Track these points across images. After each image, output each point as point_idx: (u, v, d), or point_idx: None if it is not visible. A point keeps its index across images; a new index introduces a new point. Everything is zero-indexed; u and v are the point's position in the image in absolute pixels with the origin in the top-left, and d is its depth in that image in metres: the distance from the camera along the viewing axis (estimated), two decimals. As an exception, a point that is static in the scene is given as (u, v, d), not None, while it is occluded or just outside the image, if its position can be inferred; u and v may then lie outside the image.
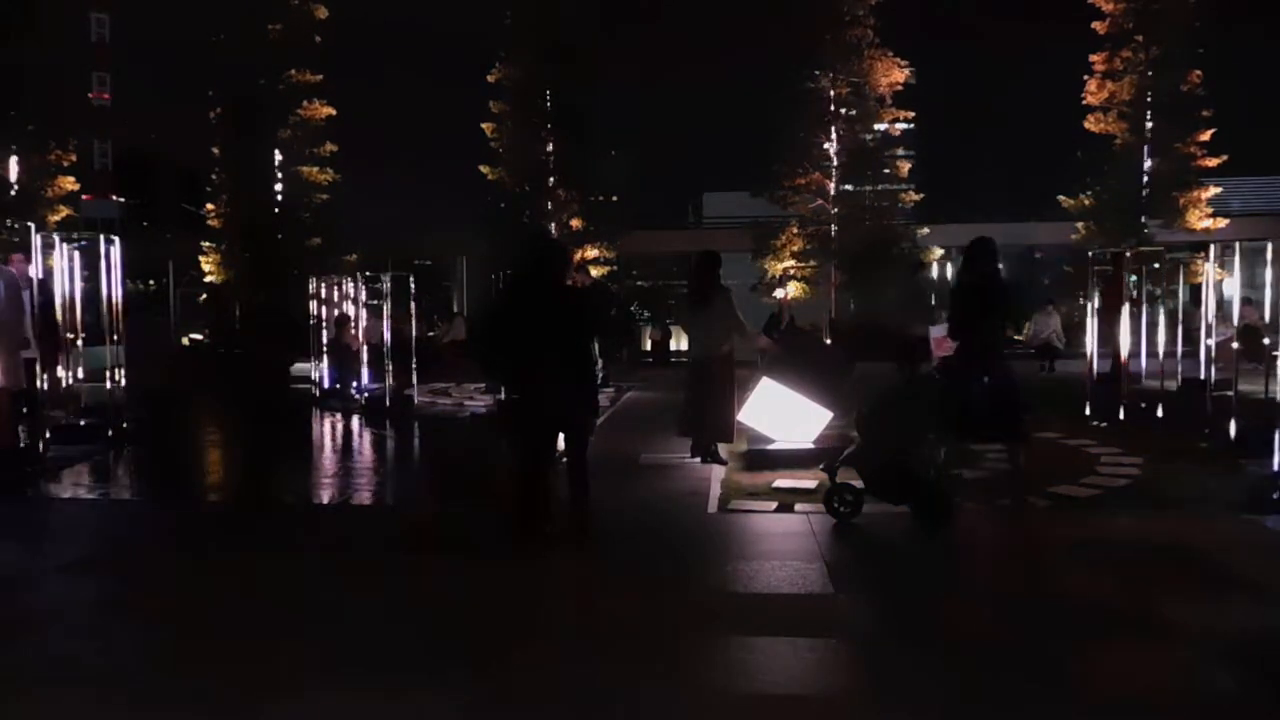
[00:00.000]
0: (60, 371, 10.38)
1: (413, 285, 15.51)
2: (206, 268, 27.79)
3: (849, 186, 26.55)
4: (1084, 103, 25.00)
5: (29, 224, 9.98)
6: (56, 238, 10.72)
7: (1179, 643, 4.28)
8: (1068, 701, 3.69)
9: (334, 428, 13.07)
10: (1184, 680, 3.91)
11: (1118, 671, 4.01)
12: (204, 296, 26.47)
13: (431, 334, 23.04)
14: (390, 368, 14.48)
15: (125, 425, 10.57)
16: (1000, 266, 7.47)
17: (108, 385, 10.56)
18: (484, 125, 27.57)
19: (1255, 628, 4.59)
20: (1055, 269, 33.30)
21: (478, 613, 4.75)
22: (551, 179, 27.27)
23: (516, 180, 27.14)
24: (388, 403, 14.10)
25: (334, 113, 27.11)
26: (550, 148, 27.26)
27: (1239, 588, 5.09)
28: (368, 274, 16.79)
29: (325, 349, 15.89)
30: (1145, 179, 24.81)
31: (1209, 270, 11.22)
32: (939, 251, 25.99)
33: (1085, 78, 25.02)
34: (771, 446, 8.68)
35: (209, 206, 27.85)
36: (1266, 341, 9.39)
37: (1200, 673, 3.98)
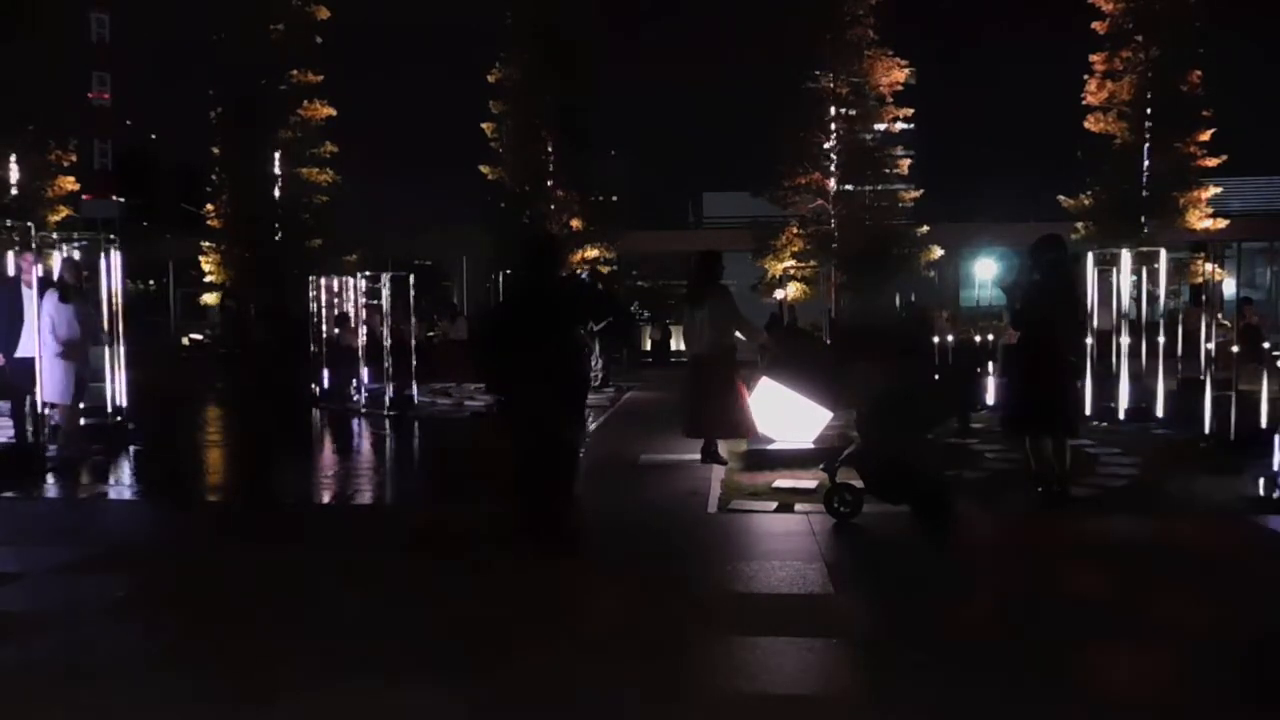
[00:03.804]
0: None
1: (413, 285, 15.52)
2: (206, 268, 27.80)
3: (849, 186, 26.54)
4: (1084, 103, 24.99)
5: (29, 224, 9.99)
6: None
7: (1179, 643, 4.28)
8: (1068, 702, 3.68)
9: (334, 427, 13.08)
10: (1184, 680, 3.91)
11: (1117, 671, 4.01)
12: (219, 296, 26.41)
13: (431, 334, 23.03)
14: (390, 368, 14.49)
15: (125, 425, 10.58)
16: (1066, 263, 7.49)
17: (107, 385, 10.56)
18: (484, 125, 27.59)
19: (1255, 628, 4.59)
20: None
21: (478, 613, 4.75)
22: (551, 179, 27.29)
23: (516, 180, 27.15)
24: (388, 403, 14.11)
25: (334, 113, 27.12)
26: (550, 148, 27.27)
27: (1239, 588, 5.09)
28: (368, 274, 16.80)
29: (325, 349, 15.89)
30: (1145, 179, 24.79)
31: (1209, 270, 11.21)
32: (939, 251, 25.98)
33: (1085, 78, 25.01)
34: (771, 446, 8.68)
35: (209, 206, 27.85)
36: (1266, 344, 9.38)
37: (1200, 673, 3.98)
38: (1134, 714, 3.62)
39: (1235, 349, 9.69)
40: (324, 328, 16.09)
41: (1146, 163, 24.79)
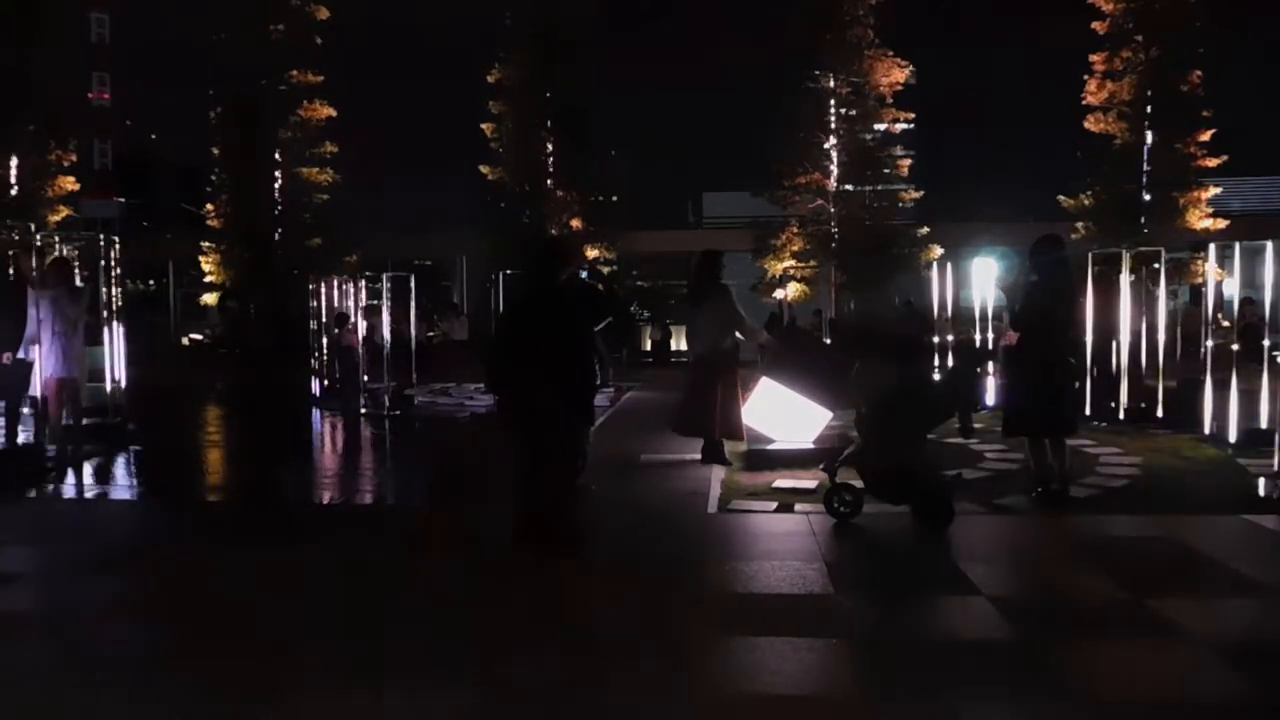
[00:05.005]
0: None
1: (413, 285, 15.52)
2: (206, 268, 27.79)
3: (849, 186, 26.53)
4: (1084, 103, 24.98)
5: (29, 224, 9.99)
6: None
7: (1179, 642, 4.28)
8: (1067, 702, 3.68)
9: (334, 428, 13.08)
10: (1184, 680, 3.91)
11: (1118, 671, 4.01)
12: (219, 296, 26.43)
13: (431, 334, 23.02)
14: (389, 368, 14.49)
15: (126, 425, 10.59)
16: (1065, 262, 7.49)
17: (107, 385, 10.57)
18: (484, 125, 27.59)
19: (1255, 628, 4.59)
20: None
21: (478, 613, 4.75)
22: (551, 179, 27.30)
23: (516, 180, 27.16)
24: (388, 403, 14.11)
25: (334, 113, 27.12)
26: (550, 148, 27.28)
27: (1239, 588, 5.09)
28: (368, 274, 16.81)
29: (325, 349, 15.90)
30: (1145, 179, 24.79)
31: (1209, 270, 11.21)
32: (939, 251, 26.00)
33: (1085, 78, 25.01)
34: (771, 446, 8.67)
35: (209, 206, 27.86)
36: (1266, 342, 9.38)
37: (1200, 673, 3.98)
38: (1133, 714, 3.62)
39: (1235, 348, 9.69)
40: (324, 328, 16.09)
41: (1146, 163, 24.78)
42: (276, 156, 26.91)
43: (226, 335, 23.07)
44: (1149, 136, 24.62)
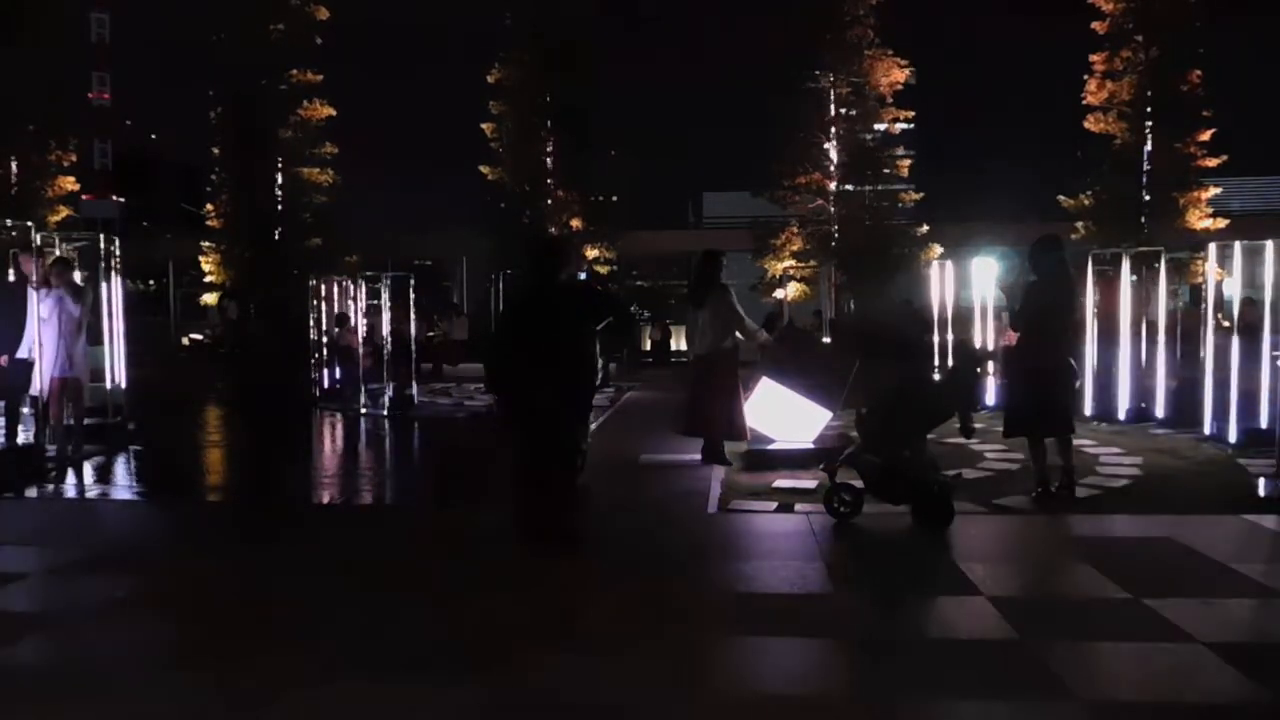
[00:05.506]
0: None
1: (413, 285, 15.53)
2: (206, 268, 27.79)
3: (849, 186, 26.53)
4: (1084, 103, 24.98)
5: (28, 224, 9.97)
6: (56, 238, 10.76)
7: (1179, 643, 4.28)
8: (1069, 701, 3.68)
9: (334, 428, 13.08)
10: (1184, 680, 3.91)
11: (1118, 671, 4.01)
12: (218, 296, 26.43)
13: (431, 334, 23.02)
14: (389, 368, 14.49)
15: (125, 425, 10.58)
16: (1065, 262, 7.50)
17: (108, 385, 10.57)
18: (484, 125, 27.59)
19: (1255, 628, 4.59)
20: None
21: (478, 612, 4.75)
22: (551, 179, 27.30)
23: (516, 180, 27.16)
24: (387, 403, 14.10)
25: (334, 113, 27.11)
26: (550, 148, 27.29)
27: (1239, 588, 5.09)
28: (368, 274, 16.81)
29: (325, 349, 15.89)
30: (1145, 179, 24.78)
31: (1209, 270, 11.21)
32: (939, 250, 26.00)
33: (1085, 78, 25.01)
34: (771, 446, 8.68)
35: (209, 206, 27.86)
36: (1267, 343, 9.38)
37: (1200, 673, 3.98)
38: (1133, 714, 3.61)
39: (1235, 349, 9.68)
40: (324, 327, 16.08)
41: (1146, 163, 24.77)
42: (276, 157, 26.90)
43: (226, 335, 23.07)
44: (1149, 136, 24.62)
